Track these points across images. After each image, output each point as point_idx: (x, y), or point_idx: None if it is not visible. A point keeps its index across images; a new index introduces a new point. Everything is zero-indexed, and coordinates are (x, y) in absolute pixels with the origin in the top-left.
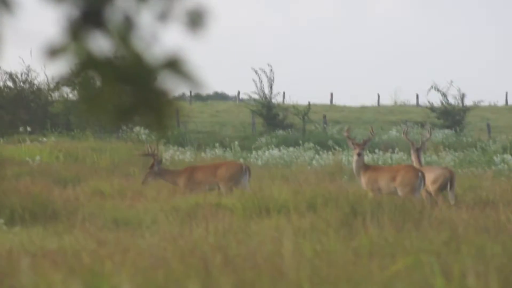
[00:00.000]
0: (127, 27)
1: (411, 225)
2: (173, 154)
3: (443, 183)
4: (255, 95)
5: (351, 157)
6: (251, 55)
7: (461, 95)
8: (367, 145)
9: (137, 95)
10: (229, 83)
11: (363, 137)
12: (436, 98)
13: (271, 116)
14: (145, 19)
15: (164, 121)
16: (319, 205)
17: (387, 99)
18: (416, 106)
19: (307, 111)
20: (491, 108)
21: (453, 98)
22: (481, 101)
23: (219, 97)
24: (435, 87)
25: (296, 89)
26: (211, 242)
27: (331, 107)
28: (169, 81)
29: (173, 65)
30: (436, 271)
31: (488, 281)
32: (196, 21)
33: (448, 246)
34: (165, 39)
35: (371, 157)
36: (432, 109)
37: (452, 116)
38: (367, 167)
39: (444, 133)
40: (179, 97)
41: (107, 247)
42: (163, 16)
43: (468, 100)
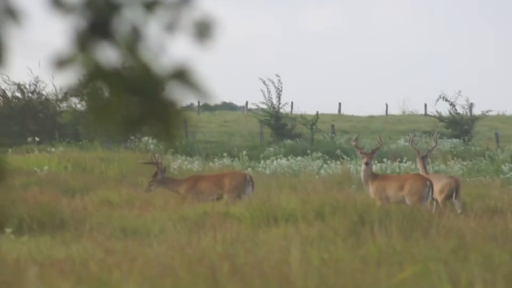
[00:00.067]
0: (135, 38)
1: (419, 234)
2: (181, 163)
3: (449, 192)
4: (263, 105)
5: (359, 166)
6: (259, 66)
7: (470, 105)
8: (375, 154)
9: (145, 105)
10: (237, 93)
11: (371, 146)
12: (444, 107)
13: (279, 126)
14: (153, 30)
15: (172, 131)
16: (327, 214)
17: (395, 108)
18: (424, 115)
19: (315, 120)
20: (500, 117)
21: (462, 107)
22: (489, 111)
23: (227, 107)
24: (444, 97)
25: (304, 99)
26: (219, 251)
27: (339, 116)
28: (177, 92)
29: (181, 75)
30: (443, 279)
31: None
32: (203, 31)
33: (456, 254)
34: (173, 49)
35: (379, 166)
36: (440, 119)
37: (460, 125)
38: (375, 176)
39: (452, 142)
40: (187, 107)
41: (115, 256)
42: (171, 27)
43: (476, 109)
